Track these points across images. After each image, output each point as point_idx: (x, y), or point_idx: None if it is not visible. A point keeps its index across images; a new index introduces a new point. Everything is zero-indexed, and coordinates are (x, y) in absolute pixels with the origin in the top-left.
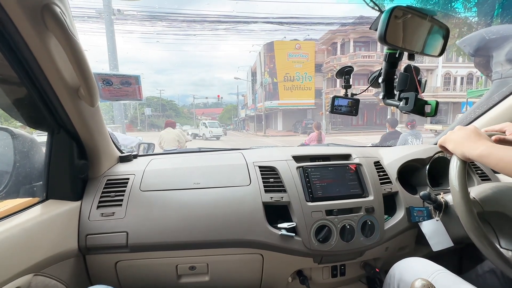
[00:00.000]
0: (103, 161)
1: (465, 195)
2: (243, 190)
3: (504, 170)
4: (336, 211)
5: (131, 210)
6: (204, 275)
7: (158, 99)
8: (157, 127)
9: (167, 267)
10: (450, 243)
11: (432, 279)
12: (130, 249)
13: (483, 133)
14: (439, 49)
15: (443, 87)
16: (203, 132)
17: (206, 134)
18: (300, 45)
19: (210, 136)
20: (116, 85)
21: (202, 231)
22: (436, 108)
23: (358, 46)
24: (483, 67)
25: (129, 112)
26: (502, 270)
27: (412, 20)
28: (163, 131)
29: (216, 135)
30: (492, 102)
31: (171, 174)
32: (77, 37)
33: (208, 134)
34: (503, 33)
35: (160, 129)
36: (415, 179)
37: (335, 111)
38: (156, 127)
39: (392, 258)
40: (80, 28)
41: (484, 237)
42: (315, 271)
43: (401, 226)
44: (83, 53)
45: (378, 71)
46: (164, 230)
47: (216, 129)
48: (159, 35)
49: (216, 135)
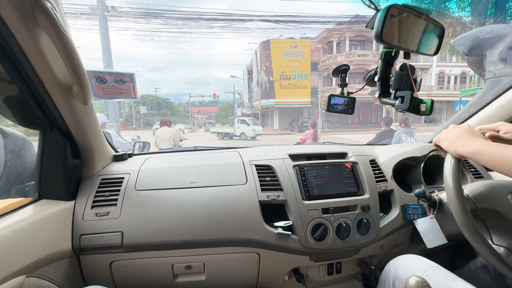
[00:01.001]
0: (97, 160)
1: (459, 192)
2: (240, 189)
3: (496, 167)
4: (332, 209)
5: (126, 210)
6: (200, 274)
7: (154, 98)
8: (152, 126)
9: (163, 266)
10: (444, 240)
11: (427, 276)
12: (125, 249)
13: (476, 131)
14: (434, 48)
15: (437, 86)
16: (242, 130)
17: (248, 132)
18: (296, 43)
19: (253, 135)
20: (110, 83)
21: (198, 230)
22: (431, 106)
23: (354, 44)
24: (476, 66)
25: (124, 111)
26: (494, 266)
27: (407, 19)
28: (158, 130)
29: (258, 133)
30: (485, 101)
31: (167, 173)
32: (69, 33)
33: (252, 132)
34: (497, 32)
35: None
36: (410, 177)
37: (332, 109)
38: (152, 125)
39: (387, 255)
40: (73, 25)
41: (477, 234)
42: (311, 269)
43: (396, 223)
44: (75, 50)
45: (374, 69)
46: (159, 229)
47: (258, 127)
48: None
49: (258, 133)
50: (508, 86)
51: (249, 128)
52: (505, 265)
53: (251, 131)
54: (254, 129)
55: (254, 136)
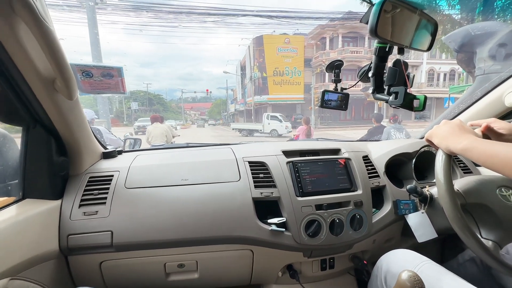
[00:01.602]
0: (85, 158)
1: (450, 187)
2: (233, 186)
3: (485, 164)
4: (325, 206)
5: (116, 208)
6: (193, 272)
7: (145, 93)
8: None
9: (155, 265)
10: (434, 235)
11: (418, 270)
12: (116, 249)
13: (467, 127)
14: (427, 44)
15: (427, 83)
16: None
17: (280, 130)
18: (290, 39)
19: (286, 133)
20: (97, 77)
21: (191, 228)
22: (424, 102)
23: (346, 41)
24: (465, 64)
25: (115, 107)
26: (481, 259)
27: (401, 14)
28: (150, 126)
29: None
30: (475, 97)
31: (158, 170)
32: (50, 23)
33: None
34: (488, 29)
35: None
36: (402, 173)
37: (325, 105)
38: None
39: (379, 250)
40: (60, 17)
41: (467, 228)
42: (304, 265)
43: (388, 219)
44: (57, 41)
45: (368, 65)
46: (151, 228)
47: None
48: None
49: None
50: (497, 82)
51: (282, 125)
52: (492, 258)
53: (284, 128)
54: (287, 126)
55: (281, 134)
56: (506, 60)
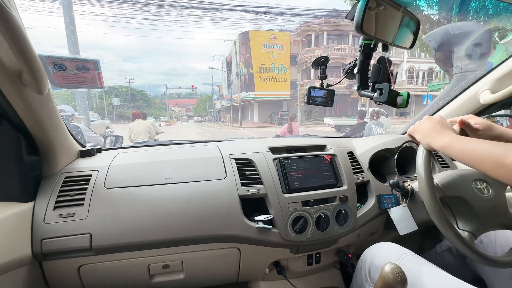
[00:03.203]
0: (60, 157)
1: (430, 182)
2: (219, 184)
3: (463, 160)
4: (312, 202)
5: (95, 210)
6: (178, 272)
7: (127, 89)
8: (127, 119)
9: (138, 267)
10: (415, 227)
11: (400, 262)
12: (95, 252)
13: (447, 124)
14: (410, 41)
15: (407, 81)
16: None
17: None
18: (276, 35)
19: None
20: (71, 71)
21: (176, 228)
22: (407, 99)
23: (331, 39)
24: (443, 63)
25: (95, 102)
26: (458, 249)
27: (385, 11)
28: (132, 123)
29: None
30: (453, 95)
31: (140, 169)
32: (12, 9)
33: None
34: (466, 29)
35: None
36: (385, 168)
37: (311, 102)
38: (126, 118)
39: (364, 243)
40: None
41: (445, 220)
42: (291, 261)
43: (372, 213)
44: (22, 29)
45: (353, 62)
46: (133, 229)
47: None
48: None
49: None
50: (473, 80)
51: (387, 120)
52: (468, 248)
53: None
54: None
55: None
56: (481, 59)
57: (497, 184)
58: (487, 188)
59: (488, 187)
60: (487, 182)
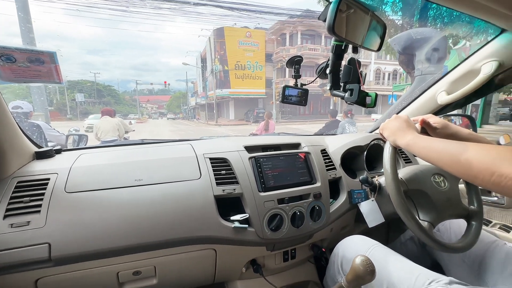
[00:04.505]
0: (10, 159)
1: (395, 176)
2: (193, 184)
3: (424, 157)
4: (287, 199)
5: (54, 217)
6: (151, 278)
7: (93, 84)
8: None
9: (106, 276)
10: (382, 219)
11: (369, 253)
12: (55, 263)
13: (412, 124)
14: (377, 44)
15: (375, 81)
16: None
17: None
18: (251, 33)
19: None
20: (22, 63)
21: (147, 232)
22: (375, 99)
23: (305, 38)
24: (406, 65)
25: (55, 98)
26: (419, 237)
27: (355, 14)
28: (98, 121)
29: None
30: (414, 95)
31: (107, 171)
32: None
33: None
34: (426, 34)
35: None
36: (355, 164)
37: (286, 101)
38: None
39: (336, 237)
40: None
41: (408, 212)
42: (268, 258)
43: (344, 208)
44: None
45: (325, 62)
46: (99, 235)
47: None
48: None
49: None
50: (431, 83)
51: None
52: (427, 237)
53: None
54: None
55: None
56: (439, 63)
57: (452, 178)
58: (443, 182)
59: (445, 181)
60: (444, 176)
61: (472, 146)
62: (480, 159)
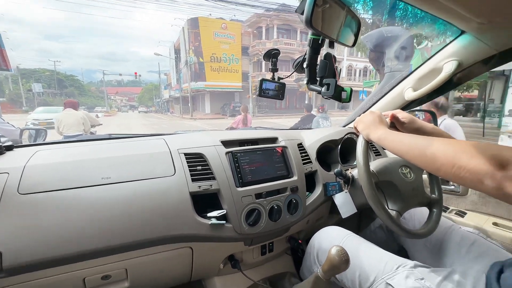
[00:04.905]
0: None
1: (367, 168)
2: (167, 181)
3: (393, 151)
4: (265, 194)
5: (5, 221)
6: (122, 281)
7: (52, 73)
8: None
9: (70, 283)
10: (354, 210)
11: (343, 243)
12: (8, 273)
13: (384, 119)
14: (352, 40)
15: (347, 77)
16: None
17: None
18: (227, 25)
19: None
20: None
21: (117, 234)
22: (350, 94)
23: (281, 33)
24: (375, 62)
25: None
26: (387, 225)
27: (331, 8)
28: (60, 114)
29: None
30: (384, 92)
31: (69, 169)
32: None
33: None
34: (396, 33)
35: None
36: (330, 158)
37: (263, 94)
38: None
39: (312, 228)
40: None
41: (378, 202)
42: (245, 253)
43: (319, 200)
44: None
45: (302, 56)
46: (60, 240)
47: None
48: None
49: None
50: (399, 79)
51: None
52: (396, 225)
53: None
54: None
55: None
56: (406, 61)
57: (417, 169)
58: (409, 173)
59: (411, 172)
60: (410, 167)
61: (436, 140)
62: (444, 152)
